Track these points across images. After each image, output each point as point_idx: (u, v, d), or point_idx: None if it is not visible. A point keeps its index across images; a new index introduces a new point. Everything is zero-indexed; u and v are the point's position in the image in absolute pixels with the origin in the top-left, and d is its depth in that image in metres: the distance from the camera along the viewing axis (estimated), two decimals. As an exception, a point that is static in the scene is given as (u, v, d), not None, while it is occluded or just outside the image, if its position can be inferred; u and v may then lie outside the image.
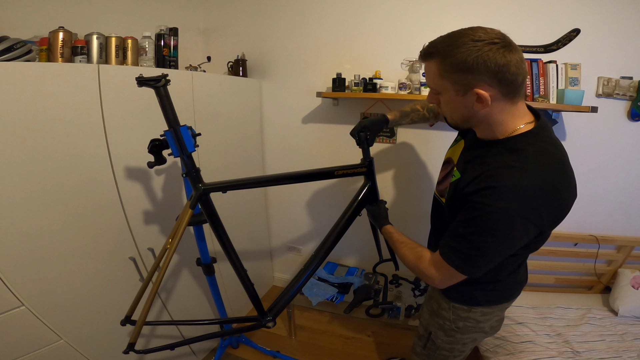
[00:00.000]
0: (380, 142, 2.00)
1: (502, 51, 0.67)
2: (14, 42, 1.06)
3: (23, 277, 1.00)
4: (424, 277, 0.89)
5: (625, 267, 1.83)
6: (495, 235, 0.73)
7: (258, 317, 1.29)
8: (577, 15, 1.58)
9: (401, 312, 1.85)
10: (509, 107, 0.74)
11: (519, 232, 0.72)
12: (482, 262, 0.78)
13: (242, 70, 2.02)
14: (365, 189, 1.28)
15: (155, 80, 0.93)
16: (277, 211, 2.38)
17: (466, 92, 0.72)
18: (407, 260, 0.96)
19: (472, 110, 0.75)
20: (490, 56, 0.67)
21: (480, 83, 0.70)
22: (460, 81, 0.72)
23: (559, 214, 0.75)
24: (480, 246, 0.75)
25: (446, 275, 0.83)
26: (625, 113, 1.67)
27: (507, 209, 0.69)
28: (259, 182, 1.27)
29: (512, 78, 0.69)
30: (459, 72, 0.70)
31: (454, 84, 0.73)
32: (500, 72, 0.68)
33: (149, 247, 1.38)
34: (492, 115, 0.75)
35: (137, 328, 1.06)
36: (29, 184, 0.99)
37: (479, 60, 0.67)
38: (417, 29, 1.79)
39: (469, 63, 0.68)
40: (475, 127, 0.84)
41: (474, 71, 0.68)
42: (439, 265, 0.83)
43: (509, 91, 0.71)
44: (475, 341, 1.11)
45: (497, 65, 0.67)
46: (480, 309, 1.00)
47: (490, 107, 0.73)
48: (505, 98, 0.72)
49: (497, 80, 0.69)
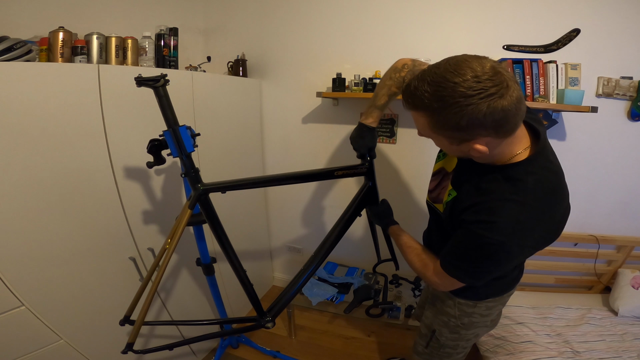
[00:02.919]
0: (380, 142, 2.00)
1: (499, 101, 0.60)
2: (14, 42, 1.06)
3: (23, 277, 1.00)
4: (429, 283, 0.95)
5: (625, 267, 1.83)
6: (492, 260, 0.76)
7: (257, 318, 1.29)
8: (577, 15, 1.58)
9: (401, 312, 1.85)
10: (503, 142, 0.70)
11: (516, 255, 0.76)
12: (482, 275, 0.84)
13: (242, 70, 2.02)
14: (365, 190, 1.28)
15: (154, 80, 0.93)
16: (277, 211, 2.38)
17: (461, 143, 0.70)
18: (413, 266, 1.00)
19: (469, 154, 0.73)
20: (487, 113, 0.61)
21: (477, 137, 0.66)
22: (455, 136, 0.69)
23: (554, 236, 0.78)
24: (479, 265, 0.79)
25: (449, 284, 0.88)
26: (625, 113, 1.67)
27: (506, 242, 0.71)
28: (258, 182, 1.27)
29: (510, 124, 0.65)
30: (453, 130, 0.66)
31: (448, 138, 0.71)
32: (498, 124, 0.64)
33: (148, 247, 1.38)
34: (490, 155, 0.71)
35: (135, 328, 1.06)
36: (29, 184, 0.99)
37: (474, 120, 0.62)
38: (417, 29, 1.79)
39: (462, 124, 0.63)
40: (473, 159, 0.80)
41: (469, 130, 0.65)
42: (442, 275, 0.87)
43: (507, 132, 0.67)
44: (478, 336, 1.14)
45: (494, 120, 0.62)
46: (485, 303, 1.02)
47: (490, 150, 0.69)
48: (504, 138, 0.69)
49: (495, 130, 0.65)
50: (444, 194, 0.93)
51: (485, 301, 1.03)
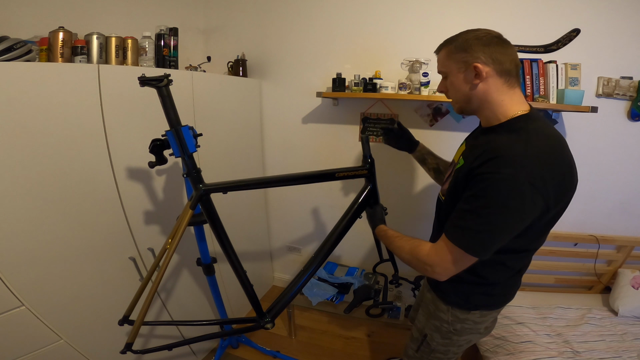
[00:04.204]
0: (380, 142, 2.00)
1: (496, 40, 0.82)
2: (14, 42, 1.06)
3: (23, 277, 1.00)
4: (423, 266, 0.85)
5: (625, 267, 1.83)
6: (505, 206, 0.72)
7: (257, 319, 1.29)
8: (577, 15, 1.58)
9: (401, 312, 1.85)
10: (505, 88, 0.83)
11: (528, 202, 0.72)
12: (491, 238, 0.76)
13: (242, 70, 2.02)
14: (366, 191, 1.28)
15: (157, 80, 0.93)
16: (277, 211, 2.38)
17: (467, 69, 0.83)
18: (403, 252, 0.93)
19: (473, 87, 0.84)
20: (486, 39, 0.81)
21: (478, 60, 0.81)
22: (461, 59, 0.84)
23: (562, 188, 0.76)
24: (490, 220, 0.74)
25: (449, 262, 0.80)
26: (625, 113, 1.67)
27: (516, 175, 0.70)
28: (259, 183, 1.27)
29: (504, 59, 0.81)
30: (460, 52, 0.84)
31: (457, 62, 0.86)
32: (494, 52, 0.80)
33: (149, 247, 1.37)
34: (490, 93, 0.83)
35: (135, 328, 1.05)
36: (29, 184, 0.99)
37: (476, 40, 0.82)
38: (417, 29, 1.79)
39: (468, 43, 0.83)
40: (478, 111, 0.88)
41: (471, 49, 0.82)
42: (442, 251, 0.80)
43: (503, 71, 0.81)
44: (470, 342, 1.11)
45: (490, 44, 0.81)
46: (478, 312, 1.00)
47: (488, 84, 0.82)
48: (501, 78, 0.82)
49: (492, 59, 0.80)
50: (445, 186, 0.98)
51: (478, 311, 1.00)
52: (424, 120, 1.90)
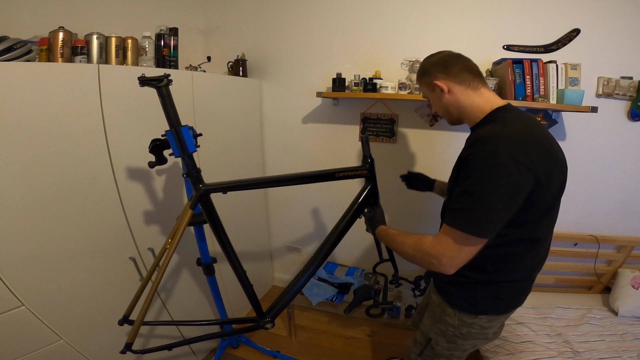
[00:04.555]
0: (380, 142, 2.00)
1: (446, 57, 0.95)
2: (14, 42, 1.06)
3: (23, 277, 1.00)
4: (428, 259, 0.83)
5: (625, 267, 1.83)
6: (492, 180, 0.75)
7: (257, 319, 1.29)
8: (577, 15, 1.58)
9: (401, 312, 1.85)
10: (470, 92, 0.92)
11: (514, 175, 0.74)
12: (487, 214, 0.75)
13: (242, 70, 2.02)
14: (366, 191, 1.28)
15: (157, 80, 0.93)
16: (277, 211, 2.38)
17: (433, 89, 0.96)
18: (405, 247, 0.91)
19: (445, 100, 0.95)
20: (437, 59, 0.96)
21: (435, 79, 0.94)
22: (426, 82, 0.99)
23: (548, 161, 0.79)
24: (482, 195, 0.75)
25: (454, 249, 0.78)
26: (625, 113, 1.67)
27: (496, 150, 0.75)
28: (259, 183, 1.27)
29: (456, 70, 0.92)
30: (424, 76, 0.99)
31: (426, 86, 1.00)
32: (443, 65, 0.93)
33: (149, 247, 1.38)
34: (459, 100, 0.93)
35: (134, 328, 1.05)
36: (29, 184, 0.99)
37: (430, 63, 0.97)
38: (417, 29, 1.79)
39: (425, 68, 0.98)
40: (461, 117, 0.97)
41: (428, 72, 0.97)
42: (445, 239, 0.80)
43: (461, 80, 0.92)
44: (475, 347, 1.09)
45: (441, 62, 0.95)
46: (486, 316, 0.98)
47: (453, 94, 0.93)
48: (462, 85, 0.92)
49: (445, 72, 0.93)
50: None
51: (486, 316, 0.98)
52: (424, 120, 1.90)
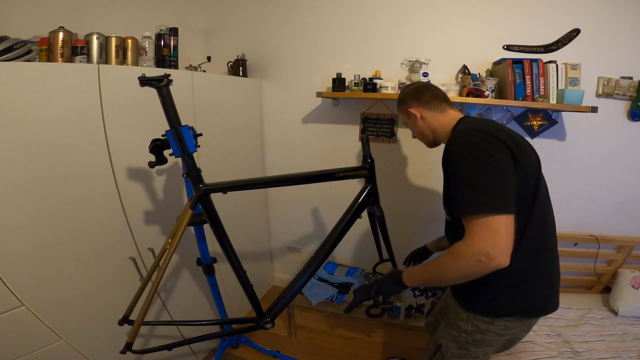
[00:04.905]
0: (380, 142, 2.00)
1: (417, 87, 1.12)
2: (14, 42, 1.06)
3: (23, 277, 1.00)
4: (474, 259, 0.75)
5: (625, 267, 1.83)
6: (478, 161, 0.80)
7: (256, 319, 1.29)
8: (577, 15, 1.58)
9: (401, 312, 1.85)
10: (439, 115, 1.06)
11: (493, 149, 0.80)
12: (498, 188, 0.76)
13: (242, 70, 2.02)
14: (366, 191, 1.28)
15: (157, 80, 0.93)
16: (277, 211, 2.38)
17: (409, 116, 1.11)
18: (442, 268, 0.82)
19: (419, 125, 1.09)
20: (410, 89, 1.13)
21: (409, 107, 1.09)
22: (402, 110, 1.14)
23: (512, 138, 0.85)
24: (480, 177, 0.78)
25: (492, 235, 0.73)
26: (625, 113, 1.67)
27: (468, 139, 0.84)
28: (259, 183, 1.27)
29: (425, 97, 1.07)
30: (401, 105, 1.13)
31: (404, 113, 1.13)
32: (418, 96, 1.08)
33: (149, 247, 1.38)
34: (431, 123, 1.07)
35: (134, 328, 1.05)
36: (29, 184, 0.99)
37: (405, 93, 1.13)
38: (417, 29, 1.79)
39: (401, 98, 1.13)
40: (435, 138, 1.10)
41: (403, 101, 1.12)
42: (475, 232, 0.75)
43: (431, 106, 1.06)
44: (486, 355, 1.06)
45: (414, 89, 1.11)
46: (503, 322, 0.94)
47: (425, 119, 1.07)
48: (432, 110, 1.06)
49: (417, 100, 1.08)
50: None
51: (504, 319, 0.93)
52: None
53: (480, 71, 1.71)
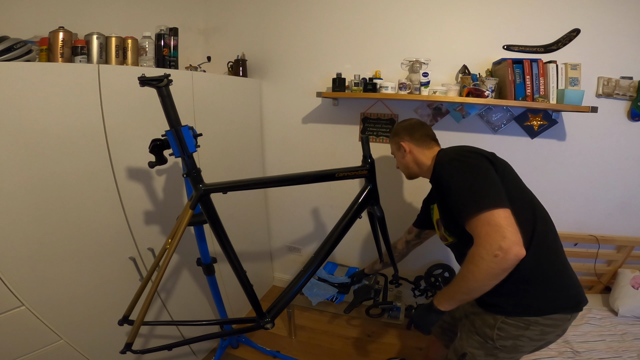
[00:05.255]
0: (380, 142, 2.00)
1: (413, 124, 1.26)
2: (14, 42, 1.06)
3: (23, 277, 1.00)
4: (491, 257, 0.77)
5: (625, 267, 1.83)
6: (465, 169, 0.92)
7: (256, 319, 1.29)
8: (577, 15, 1.58)
9: (401, 312, 1.85)
10: (425, 150, 1.19)
11: (474, 159, 0.94)
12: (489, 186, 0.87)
13: (242, 70, 2.02)
14: (366, 191, 1.28)
15: (157, 80, 0.93)
16: (277, 211, 2.38)
17: (399, 148, 1.24)
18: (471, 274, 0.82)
19: (407, 158, 1.22)
20: (405, 124, 1.27)
21: (402, 140, 1.22)
22: (394, 142, 1.27)
23: (488, 153, 0.98)
24: (468, 182, 0.89)
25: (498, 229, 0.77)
26: (625, 113, 1.67)
27: (451, 156, 0.99)
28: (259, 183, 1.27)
29: (418, 135, 1.21)
30: (393, 137, 1.28)
31: (395, 144, 1.27)
32: (411, 132, 1.22)
33: (149, 247, 1.38)
34: (417, 157, 1.20)
35: (134, 328, 1.05)
36: (29, 184, 0.99)
37: (401, 128, 1.26)
38: (417, 29, 1.79)
39: (397, 130, 1.27)
40: (419, 171, 1.22)
41: (397, 134, 1.25)
42: (482, 231, 0.80)
43: (421, 143, 1.20)
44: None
45: (408, 127, 1.24)
46: (540, 326, 0.92)
47: (413, 153, 1.20)
48: (420, 147, 1.20)
49: (409, 136, 1.21)
50: (441, 232, 1.14)
51: (541, 321, 0.92)
52: (424, 120, 1.89)
53: (480, 71, 1.71)
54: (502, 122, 1.78)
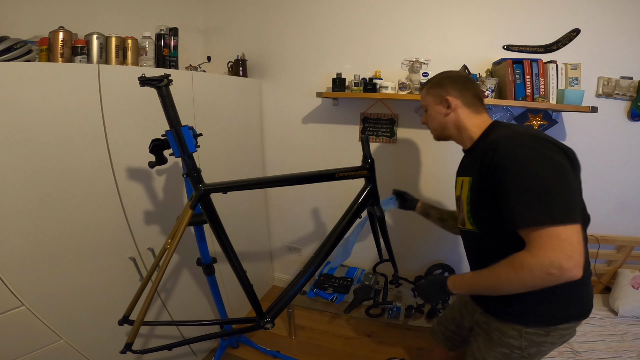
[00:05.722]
0: (380, 142, 2.00)
1: (463, 79, 1.03)
2: (14, 42, 1.06)
3: (23, 277, 1.00)
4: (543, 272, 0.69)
5: (625, 267, 1.83)
6: (542, 167, 0.74)
7: (257, 319, 1.29)
8: (577, 15, 1.58)
9: (401, 312, 1.85)
10: (473, 115, 1.00)
11: (554, 155, 0.77)
12: (566, 197, 0.73)
13: (242, 70, 2.02)
14: (366, 191, 1.28)
15: (157, 80, 0.93)
16: (277, 211, 2.38)
17: (440, 102, 1.03)
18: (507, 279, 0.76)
19: (448, 117, 1.01)
20: (455, 77, 1.04)
21: (448, 94, 1.00)
22: (436, 94, 1.04)
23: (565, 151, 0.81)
24: (546, 184, 0.73)
25: (565, 245, 0.69)
26: (625, 113, 1.67)
27: (525, 143, 0.79)
28: (260, 183, 1.27)
29: (468, 93, 1.00)
30: (436, 88, 1.04)
31: (433, 97, 1.05)
32: (461, 88, 1.00)
33: (149, 247, 1.38)
34: (461, 120, 1.00)
35: (134, 328, 1.05)
36: (29, 184, 0.99)
37: (448, 79, 1.03)
38: (417, 29, 1.79)
39: (442, 81, 1.04)
40: (455, 136, 1.04)
41: (442, 85, 1.03)
42: (545, 242, 0.70)
43: (469, 102, 1.00)
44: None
45: (458, 82, 1.01)
46: (559, 331, 0.90)
47: (457, 114, 1.00)
48: (468, 108, 1.00)
49: (459, 92, 1.00)
50: (463, 214, 1.00)
51: (561, 327, 0.89)
52: (424, 120, 1.90)
53: (480, 71, 1.71)
54: (502, 122, 1.78)
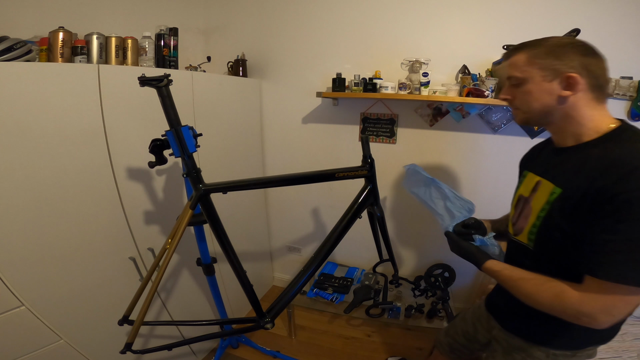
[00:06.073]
0: (380, 142, 2.00)
1: (593, 51, 0.73)
2: (14, 42, 1.06)
3: (23, 277, 1.00)
4: (577, 315, 0.67)
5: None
6: None
7: (256, 319, 1.29)
8: (577, 15, 1.58)
9: (401, 312, 1.85)
10: (594, 103, 0.72)
11: None
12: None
13: (242, 70, 2.02)
14: (366, 191, 1.28)
15: (157, 80, 0.93)
16: (277, 211, 2.38)
17: (554, 78, 0.72)
18: (540, 300, 0.73)
19: (557, 99, 0.73)
20: (583, 48, 0.72)
21: (571, 70, 0.70)
22: (549, 66, 0.72)
23: None
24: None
25: (619, 306, 0.64)
26: (625, 113, 1.66)
27: None
28: (260, 183, 1.27)
29: (600, 73, 0.71)
30: (550, 58, 0.72)
31: (542, 69, 0.73)
32: (591, 64, 0.71)
33: (149, 247, 1.38)
34: (578, 108, 0.72)
35: (134, 328, 1.06)
36: (29, 184, 0.98)
37: (572, 48, 0.71)
38: (417, 29, 1.79)
39: (562, 49, 0.71)
40: (556, 124, 0.78)
41: (566, 57, 0.71)
42: (603, 296, 0.64)
43: (596, 86, 0.71)
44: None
45: (588, 54, 0.71)
46: (586, 351, 0.85)
47: (577, 98, 0.71)
48: (592, 93, 0.72)
49: (586, 70, 0.70)
50: (525, 223, 0.83)
51: (587, 349, 0.84)
52: (424, 120, 1.90)
53: (480, 71, 1.71)
54: (502, 122, 1.78)
